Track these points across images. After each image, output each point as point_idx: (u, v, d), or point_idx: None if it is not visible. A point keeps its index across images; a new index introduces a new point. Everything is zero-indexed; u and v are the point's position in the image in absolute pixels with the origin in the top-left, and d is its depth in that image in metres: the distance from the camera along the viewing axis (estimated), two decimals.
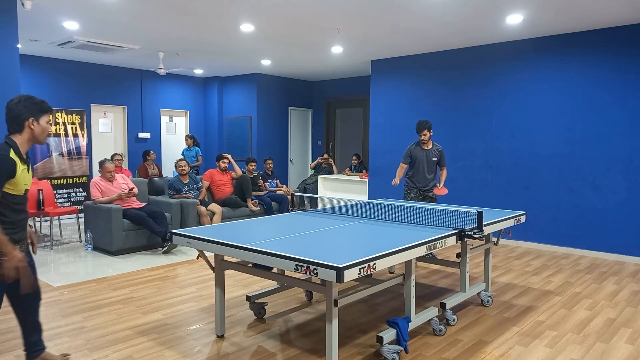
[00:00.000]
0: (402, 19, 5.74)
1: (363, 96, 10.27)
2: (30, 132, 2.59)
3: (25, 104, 2.56)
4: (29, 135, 2.59)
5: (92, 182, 6.18)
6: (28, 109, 2.56)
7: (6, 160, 2.44)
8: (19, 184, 2.54)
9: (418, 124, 5.54)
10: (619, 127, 5.99)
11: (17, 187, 2.54)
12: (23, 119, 2.56)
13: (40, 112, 2.60)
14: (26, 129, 2.58)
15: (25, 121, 2.56)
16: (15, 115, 2.55)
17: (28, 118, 2.56)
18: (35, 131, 2.59)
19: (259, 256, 2.81)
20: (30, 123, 2.57)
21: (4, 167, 2.43)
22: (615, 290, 4.75)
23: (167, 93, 10.29)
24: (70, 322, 3.77)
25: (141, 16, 5.73)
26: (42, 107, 2.61)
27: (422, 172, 5.60)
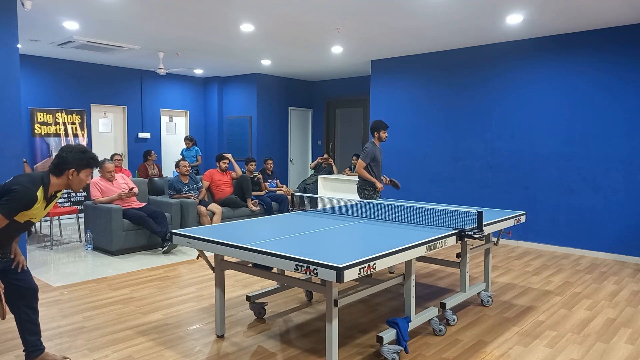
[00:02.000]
0: (402, 19, 5.74)
1: (363, 96, 10.27)
2: (67, 180, 2.69)
3: (75, 155, 2.67)
4: (65, 182, 2.70)
5: (92, 182, 6.18)
6: (74, 161, 2.67)
7: (30, 195, 2.53)
8: (27, 216, 2.62)
9: (383, 122, 5.53)
10: (619, 127, 5.99)
11: (24, 217, 2.62)
12: (65, 168, 2.66)
13: (85, 166, 2.71)
14: (64, 176, 2.68)
15: (66, 170, 2.67)
16: (61, 162, 2.66)
17: (70, 168, 2.67)
18: (72, 182, 2.70)
19: (259, 256, 2.81)
20: (70, 173, 2.68)
21: (25, 201, 2.52)
22: (615, 290, 4.75)
23: (167, 93, 10.29)
24: (70, 322, 3.77)
25: (141, 16, 5.73)
26: (88, 162, 2.72)
27: (379, 172, 5.58)
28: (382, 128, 5.54)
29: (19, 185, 2.51)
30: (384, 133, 5.56)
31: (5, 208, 2.48)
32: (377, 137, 5.56)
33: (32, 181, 2.58)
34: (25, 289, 2.84)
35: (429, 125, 7.73)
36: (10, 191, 2.50)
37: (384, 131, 5.55)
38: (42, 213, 2.71)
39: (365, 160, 5.42)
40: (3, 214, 2.48)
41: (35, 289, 2.89)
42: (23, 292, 2.84)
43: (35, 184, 2.58)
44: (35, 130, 8.23)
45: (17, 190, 2.50)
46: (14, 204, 2.50)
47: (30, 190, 2.54)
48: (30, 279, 2.87)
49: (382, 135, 5.55)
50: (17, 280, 2.81)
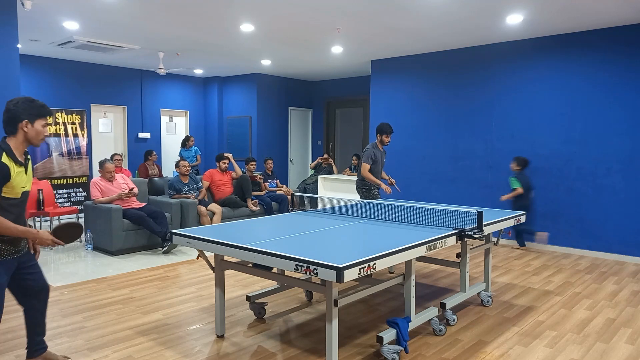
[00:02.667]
0: (402, 19, 5.74)
1: (363, 96, 10.27)
2: (23, 134, 2.56)
3: (22, 106, 2.54)
4: (22, 137, 2.57)
5: (92, 182, 6.18)
6: (24, 111, 2.53)
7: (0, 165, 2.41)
8: (15, 187, 2.51)
9: (389, 126, 5.56)
10: (619, 127, 5.99)
11: (14, 190, 2.51)
12: (17, 121, 2.53)
13: (38, 115, 2.58)
14: (20, 131, 2.55)
15: (19, 123, 2.53)
16: (11, 116, 2.53)
17: (22, 120, 2.53)
18: (28, 134, 2.57)
19: (259, 256, 2.81)
20: (23, 125, 2.55)
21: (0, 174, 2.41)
22: (615, 290, 4.75)
23: (167, 93, 10.29)
24: (70, 322, 3.77)
25: (141, 16, 5.73)
26: (39, 110, 2.58)
27: (380, 172, 5.65)
28: (385, 132, 5.58)
29: None
30: (387, 137, 5.58)
31: None
32: (380, 140, 5.61)
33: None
34: (37, 287, 2.81)
35: (429, 125, 7.73)
36: None
37: (387, 135, 5.58)
38: (28, 179, 2.63)
39: (367, 162, 5.51)
40: None
41: (47, 288, 2.87)
42: (35, 291, 2.81)
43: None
44: None
45: None
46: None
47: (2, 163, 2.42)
48: (42, 277, 2.83)
49: (384, 139, 5.59)
50: (29, 280, 2.77)
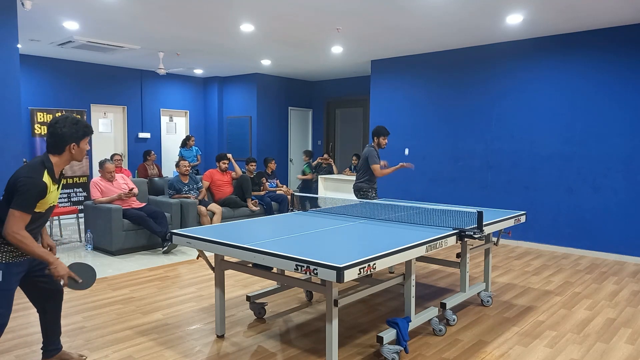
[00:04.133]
0: (402, 19, 5.74)
1: (363, 96, 10.27)
2: (69, 155, 2.65)
3: (70, 129, 2.60)
4: (68, 157, 2.65)
5: (92, 182, 6.18)
6: (72, 135, 2.61)
7: (38, 184, 2.48)
8: (45, 203, 2.58)
9: (385, 129, 5.58)
10: (619, 127, 5.99)
11: (43, 206, 2.58)
12: (65, 144, 2.61)
13: (83, 136, 2.66)
14: (66, 152, 2.63)
15: (66, 146, 2.62)
16: (58, 140, 2.60)
17: (70, 143, 2.62)
18: (75, 155, 2.66)
19: (259, 256, 2.81)
20: (71, 148, 2.63)
21: (36, 190, 2.47)
22: (615, 290, 4.75)
23: (167, 93, 10.29)
24: (70, 322, 3.77)
25: (141, 16, 5.73)
26: (84, 131, 2.66)
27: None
28: (382, 134, 5.57)
29: (22, 178, 2.46)
30: (384, 140, 5.59)
31: (22, 205, 2.44)
32: (377, 142, 5.60)
33: (34, 169, 2.51)
34: (51, 290, 2.83)
35: (429, 125, 7.73)
36: (17, 188, 2.44)
37: (384, 137, 5.58)
38: (57, 195, 2.70)
39: (377, 162, 5.54)
40: (23, 211, 2.44)
41: (61, 291, 2.89)
42: (49, 294, 2.83)
43: (37, 170, 2.52)
44: (35, 130, 8.23)
45: (24, 183, 2.44)
46: (28, 198, 2.45)
47: (35, 179, 2.48)
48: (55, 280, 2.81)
49: (381, 142, 5.59)
50: (43, 282, 2.79)
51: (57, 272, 2.55)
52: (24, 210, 2.45)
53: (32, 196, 2.46)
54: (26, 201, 2.45)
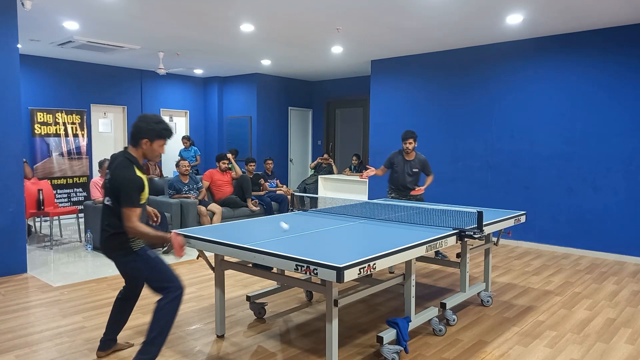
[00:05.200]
0: (402, 19, 5.74)
1: (363, 96, 10.27)
2: (142, 151, 2.84)
3: (148, 125, 2.79)
4: (141, 152, 2.85)
5: (92, 182, 6.18)
6: (148, 131, 2.80)
7: (136, 179, 2.73)
8: (145, 194, 2.82)
9: (404, 133, 5.54)
10: (619, 127, 5.99)
11: (144, 196, 2.82)
12: (140, 137, 2.81)
13: (158, 136, 2.83)
14: (140, 147, 2.84)
15: (141, 139, 2.81)
16: (135, 131, 2.81)
17: (144, 138, 2.80)
18: (146, 151, 2.85)
19: (259, 256, 2.81)
20: (143, 143, 2.82)
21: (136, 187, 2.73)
22: (615, 290, 4.75)
23: (167, 93, 10.29)
24: (70, 322, 3.77)
25: (141, 16, 5.73)
26: (160, 133, 2.83)
27: (402, 180, 5.59)
28: (402, 138, 5.55)
29: (121, 180, 2.70)
30: (404, 143, 5.52)
31: (131, 202, 2.69)
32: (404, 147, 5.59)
33: (127, 169, 2.73)
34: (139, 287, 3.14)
35: (429, 125, 7.73)
36: (121, 189, 2.68)
37: (403, 141, 5.53)
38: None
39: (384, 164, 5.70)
40: (133, 206, 2.69)
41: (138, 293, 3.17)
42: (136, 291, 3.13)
43: (129, 168, 2.74)
44: (35, 130, 8.23)
45: (126, 181, 2.69)
46: (133, 195, 2.70)
47: (132, 176, 2.72)
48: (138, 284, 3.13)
49: (404, 146, 5.54)
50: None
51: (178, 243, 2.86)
52: (134, 205, 2.70)
53: (135, 192, 2.71)
54: (132, 198, 2.70)
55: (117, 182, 2.70)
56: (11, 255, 5.08)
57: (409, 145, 5.52)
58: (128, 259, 2.81)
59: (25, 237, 5.20)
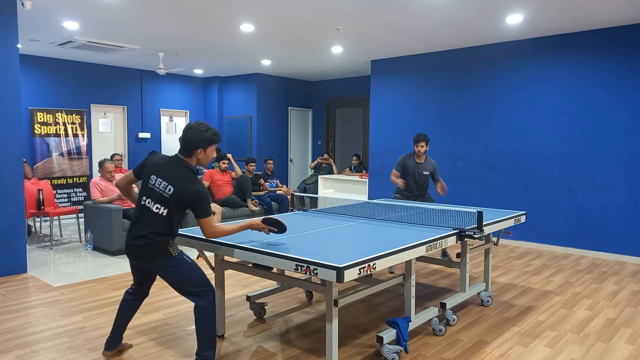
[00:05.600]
0: (402, 19, 5.74)
1: (363, 96, 10.27)
2: (196, 159, 2.90)
3: (198, 136, 2.84)
4: (195, 160, 2.91)
5: (92, 182, 6.18)
6: (202, 141, 2.86)
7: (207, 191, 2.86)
8: None
9: (417, 135, 5.47)
10: (619, 127, 5.99)
11: None
12: (195, 148, 2.86)
13: (210, 143, 2.90)
14: (194, 156, 2.89)
15: (195, 150, 2.87)
16: (188, 142, 2.85)
17: (198, 148, 2.86)
18: (201, 160, 2.91)
19: (259, 256, 2.81)
20: (198, 153, 2.88)
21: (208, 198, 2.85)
22: (615, 290, 4.75)
23: (167, 93, 10.29)
24: (70, 322, 3.77)
25: (141, 16, 5.73)
26: (212, 139, 2.89)
27: (411, 183, 5.53)
28: (414, 141, 5.48)
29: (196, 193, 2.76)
30: (416, 147, 5.45)
31: (207, 213, 2.80)
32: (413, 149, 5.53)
33: (195, 180, 2.81)
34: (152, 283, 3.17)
35: (429, 125, 7.73)
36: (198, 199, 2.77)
37: (415, 145, 5.46)
38: None
39: (395, 169, 5.57)
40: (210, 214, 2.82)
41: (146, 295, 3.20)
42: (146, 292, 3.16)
43: (198, 181, 2.83)
44: (35, 130, 8.23)
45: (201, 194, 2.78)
46: (206, 206, 2.80)
47: (204, 189, 2.82)
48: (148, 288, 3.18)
49: (417, 149, 5.46)
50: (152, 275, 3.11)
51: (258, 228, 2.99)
52: (210, 214, 2.82)
53: (209, 202, 2.84)
54: (207, 207, 2.81)
55: (191, 196, 2.75)
56: (11, 255, 5.08)
57: (421, 148, 5.43)
58: (169, 264, 2.83)
59: (25, 237, 5.21)
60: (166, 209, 2.79)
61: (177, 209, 2.81)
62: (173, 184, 2.78)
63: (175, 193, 2.76)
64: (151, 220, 2.80)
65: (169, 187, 2.78)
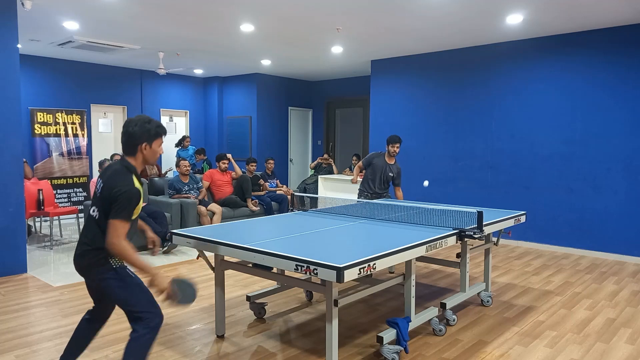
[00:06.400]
0: (402, 19, 5.74)
1: (363, 96, 10.27)
2: (142, 156, 2.55)
3: (140, 128, 2.51)
4: (141, 158, 2.56)
5: (92, 182, 6.19)
6: (143, 134, 2.51)
7: (135, 193, 2.41)
8: (139, 208, 2.50)
9: (394, 137, 5.58)
10: (619, 127, 5.99)
11: (137, 211, 2.49)
12: (136, 144, 2.51)
13: (155, 136, 2.56)
14: (139, 153, 2.54)
15: (138, 145, 2.52)
16: (129, 138, 2.51)
17: (141, 143, 2.52)
18: (146, 155, 2.55)
19: (259, 256, 2.81)
20: (142, 148, 2.53)
21: (135, 200, 2.41)
22: (615, 290, 4.75)
23: (167, 93, 10.29)
24: (70, 322, 3.77)
25: (141, 16, 5.73)
26: (157, 131, 2.56)
27: (377, 181, 5.62)
28: (391, 141, 5.59)
29: (118, 190, 2.38)
30: (395, 146, 5.57)
31: (123, 215, 2.37)
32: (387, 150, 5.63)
33: (125, 178, 2.44)
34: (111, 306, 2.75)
35: (429, 125, 7.73)
36: (115, 199, 2.38)
37: (392, 145, 5.58)
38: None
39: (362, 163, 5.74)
40: (124, 220, 2.37)
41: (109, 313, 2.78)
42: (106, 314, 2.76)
43: (128, 178, 2.44)
44: (35, 130, 8.23)
45: (122, 194, 2.37)
46: (128, 208, 2.39)
47: (131, 189, 2.41)
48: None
49: (392, 149, 5.59)
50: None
51: (157, 286, 2.41)
52: (125, 219, 2.38)
53: (131, 206, 2.40)
54: (126, 211, 2.38)
55: (111, 191, 2.39)
56: (11, 255, 5.08)
57: (396, 149, 5.60)
58: (105, 277, 2.45)
59: (25, 237, 5.21)
60: (97, 210, 2.47)
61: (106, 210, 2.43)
62: (104, 182, 2.46)
63: (103, 189, 2.44)
64: (89, 226, 2.50)
65: (100, 184, 2.50)
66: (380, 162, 5.61)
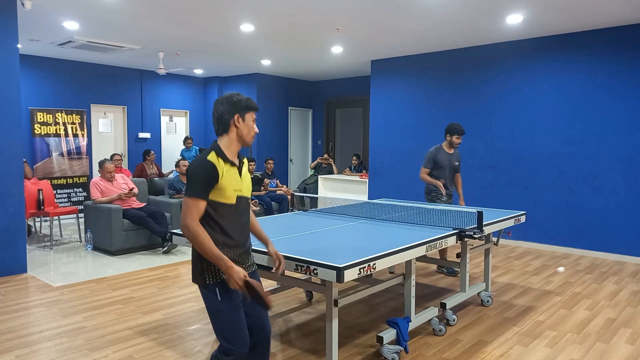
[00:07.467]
0: (402, 19, 5.74)
1: (363, 96, 10.27)
2: (236, 130, 2.30)
3: (229, 101, 2.29)
4: (235, 134, 2.31)
5: (92, 182, 6.18)
6: (232, 106, 2.29)
7: (204, 163, 2.18)
8: (226, 188, 2.21)
9: (458, 128, 5.22)
10: (619, 127, 5.99)
11: (225, 192, 2.22)
12: (228, 117, 2.28)
13: (247, 108, 2.31)
14: (232, 128, 2.30)
15: (230, 119, 2.29)
16: (220, 114, 2.30)
17: (234, 115, 2.29)
18: (241, 130, 2.30)
19: (259, 256, 2.81)
20: (235, 120, 2.29)
21: (203, 171, 2.16)
22: (615, 290, 4.75)
23: (167, 93, 10.29)
24: (70, 322, 3.77)
25: (141, 16, 5.73)
26: (248, 104, 2.32)
27: (447, 177, 5.25)
28: (454, 132, 5.21)
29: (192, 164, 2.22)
30: (458, 139, 5.22)
31: (192, 190, 2.16)
32: (449, 141, 5.28)
33: (201, 154, 2.26)
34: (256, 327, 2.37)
35: (429, 125, 7.73)
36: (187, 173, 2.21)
37: (457, 136, 5.21)
38: (245, 183, 2.34)
39: (426, 166, 5.23)
40: (194, 196, 2.14)
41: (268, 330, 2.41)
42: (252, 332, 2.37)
43: (204, 153, 2.25)
44: (35, 130, 8.23)
45: (190, 168, 2.21)
46: (196, 181, 2.16)
47: (201, 161, 2.19)
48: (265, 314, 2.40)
49: (454, 140, 5.22)
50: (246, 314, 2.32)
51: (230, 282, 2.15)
52: (195, 195, 2.15)
53: (199, 178, 2.16)
54: (195, 184, 2.16)
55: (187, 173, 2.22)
56: (11, 255, 5.08)
57: (460, 140, 5.24)
58: (202, 291, 2.26)
59: (25, 237, 5.21)
60: None
61: None
62: None
63: None
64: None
65: None
66: (443, 156, 5.22)
